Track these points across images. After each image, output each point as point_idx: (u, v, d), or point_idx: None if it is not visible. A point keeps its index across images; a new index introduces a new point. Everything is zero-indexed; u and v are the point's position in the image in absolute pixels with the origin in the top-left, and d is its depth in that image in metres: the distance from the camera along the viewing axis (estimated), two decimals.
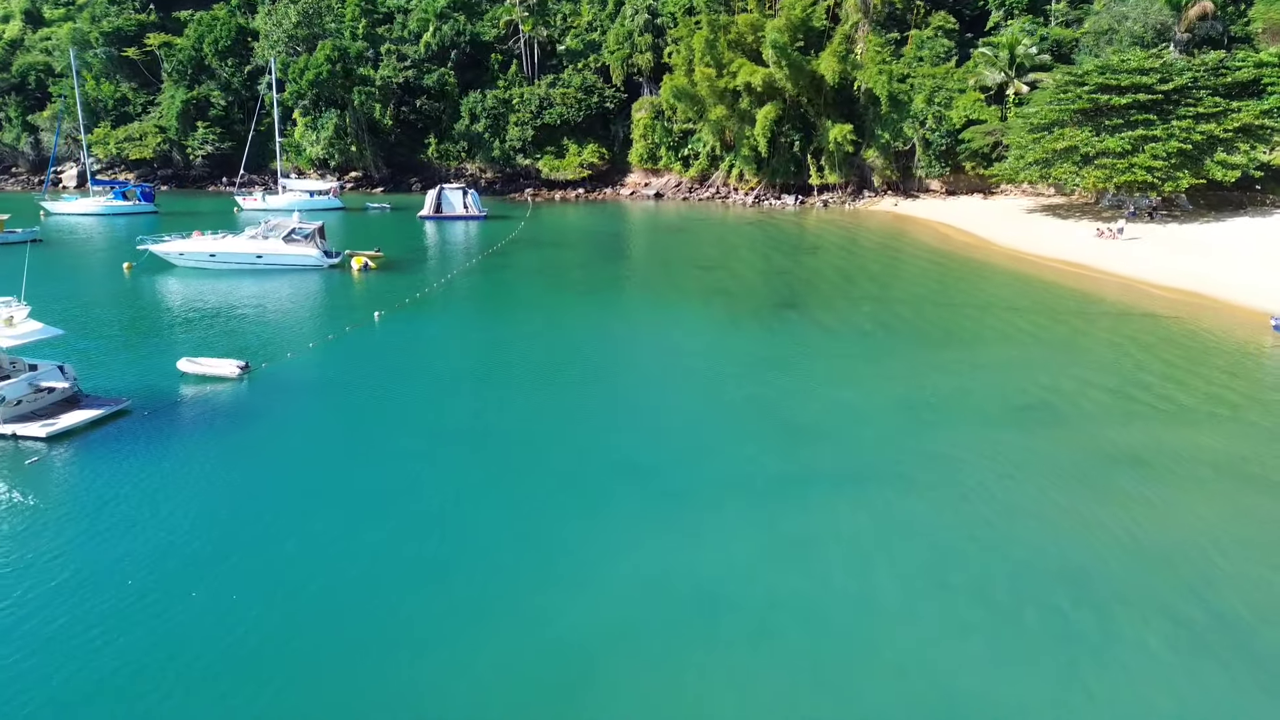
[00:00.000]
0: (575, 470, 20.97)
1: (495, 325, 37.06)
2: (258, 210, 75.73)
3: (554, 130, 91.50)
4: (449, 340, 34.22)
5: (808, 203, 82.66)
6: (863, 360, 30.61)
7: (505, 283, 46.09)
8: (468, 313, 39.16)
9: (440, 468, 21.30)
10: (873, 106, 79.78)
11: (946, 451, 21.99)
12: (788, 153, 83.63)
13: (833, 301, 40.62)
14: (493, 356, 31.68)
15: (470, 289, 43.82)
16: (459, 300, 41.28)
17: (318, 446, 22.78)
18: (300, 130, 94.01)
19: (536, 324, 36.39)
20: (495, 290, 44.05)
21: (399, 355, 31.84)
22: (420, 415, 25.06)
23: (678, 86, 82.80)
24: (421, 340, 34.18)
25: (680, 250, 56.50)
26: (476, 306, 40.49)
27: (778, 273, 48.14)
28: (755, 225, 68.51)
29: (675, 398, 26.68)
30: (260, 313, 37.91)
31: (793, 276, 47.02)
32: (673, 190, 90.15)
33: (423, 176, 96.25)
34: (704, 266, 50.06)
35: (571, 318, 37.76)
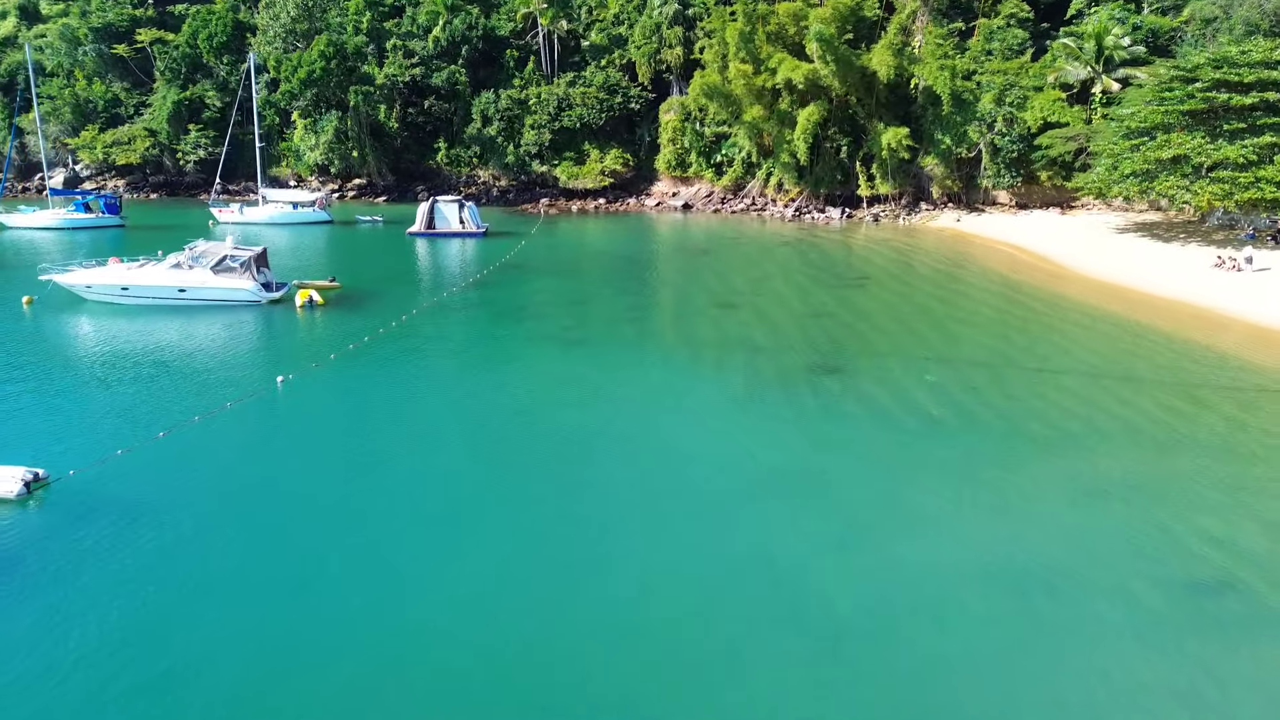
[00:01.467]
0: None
1: (432, 399, 28.11)
2: (235, 224, 68.06)
3: (573, 134, 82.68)
4: (358, 424, 25.31)
5: (856, 216, 72.73)
6: (931, 474, 21.13)
7: (474, 326, 37.22)
8: (403, 377, 30.17)
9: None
10: (932, 107, 69.75)
11: (1090, 696, 12.56)
12: (833, 159, 73.84)
13: (885, 362, 31.08)
14: (398, 467, 22.66)
15: (424, 337, 35.01)
16: (401, 355, 32.44)
17: (83, 649, 14.01)
18: (299, 134, 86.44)
19: (489, 399, 27.44)
20: (456, 338, 35.18)
21: (277, 451, 23.11)
22: (260, 578, 16.23)
23: (709, 84, 73.44)
24: (321, 425, 25.39)
25: (702, 280, 47.19)
26: (419, 366, 31.55)
27: (816, 315, 38.63)
28: (794, 245, 58.92)
29: (642, 554, 17.50)
30: (136, 374, 29.42)
31: (835, 321, 37.48)
32: (703, 201, 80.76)
33: (431, 184, 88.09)
34: (727, 304, 40.71)
35: (539, 386, 28.74)
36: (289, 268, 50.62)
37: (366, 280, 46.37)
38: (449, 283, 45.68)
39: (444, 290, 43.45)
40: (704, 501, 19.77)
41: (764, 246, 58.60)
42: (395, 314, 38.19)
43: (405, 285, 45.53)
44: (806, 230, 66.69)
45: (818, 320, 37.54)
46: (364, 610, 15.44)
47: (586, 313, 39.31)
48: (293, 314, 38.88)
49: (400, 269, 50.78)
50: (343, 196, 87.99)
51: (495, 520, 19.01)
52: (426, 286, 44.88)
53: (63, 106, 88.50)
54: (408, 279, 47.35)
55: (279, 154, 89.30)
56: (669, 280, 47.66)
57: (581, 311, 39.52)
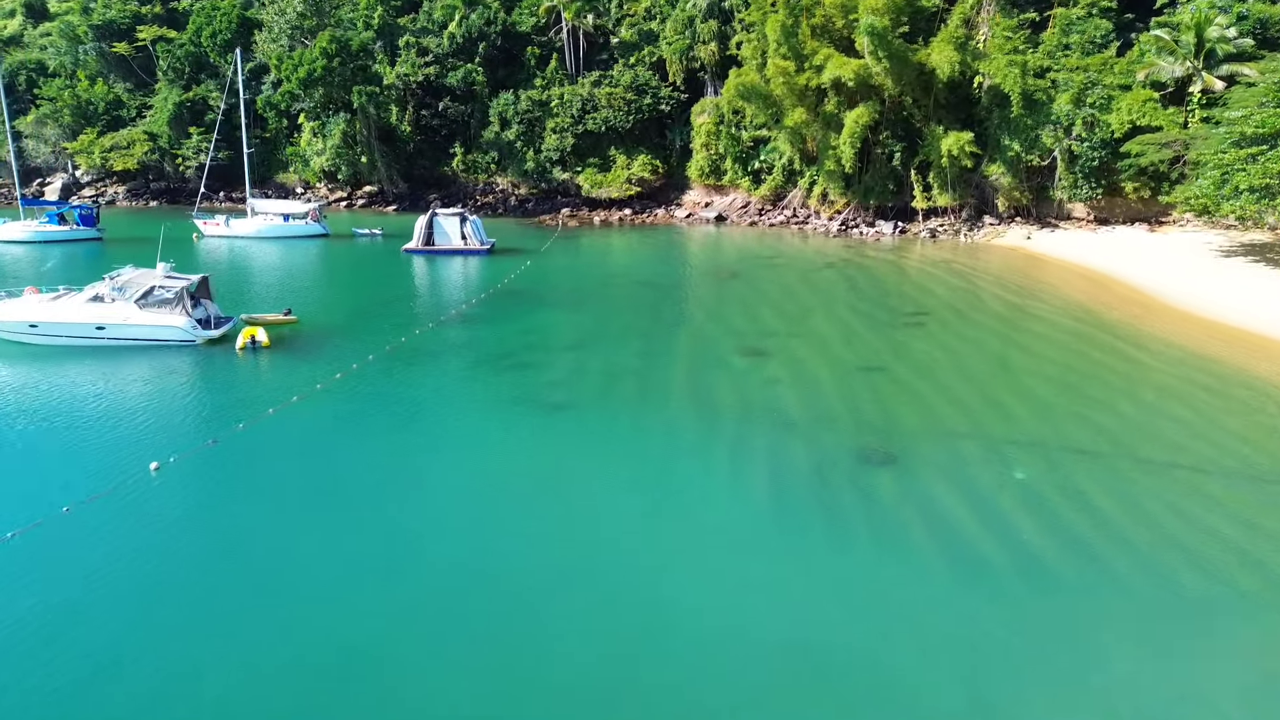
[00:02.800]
0: None
1: (341, 513, 21.13)
2: (221, 237, 62.27)
3: (598, 139, 75.72)
4: (221, 559, 18.41)
5: (910, 231, 64.73)
6: (1040, 672, 13.63)
7: (436, 381, 30.21)
8: (314, 468, 23.09)
9: None
10: (998, 109, 61.54)
11: None
12: (885, 167, 65.88)
13: (956, 445, 23.52)
14: (254, 627, 15.79)
15: (369, 396, 28.18)
16: (327, 429, 25.61)
17: None
18: (306, 138, 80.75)
19: (420, 514, 20.42)
20: (407, 401, 28.19)
21: (99, 588, 16.33)
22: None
23: (745, 85, 65.99)
24: (175, 549, 18.55)
25: (729, 314, 39.82)
26: (344, 448, 24.49)
27: (865, 368, 31.07)
28: (839, 267, 51.21)
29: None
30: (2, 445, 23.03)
31: (889, 377, 29.93)
32: (739, 212, 73.22)
33: (446, 192, 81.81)
34: (755, 350, 33.32)
35: (497, 475, 21.74)
36: (259, 290, 44.30)
37: (335, 310, 39.83)
38: (428, 315, 38.88)
39: (418, 326, 36.60)
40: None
41: (804, 268, 50.97)
42: (349, 360, 31.48)
43: (376, 317, 38.79)
44: (854, 247, 58.89)
45: (867, 376, 29.98)
46: None
47: (581, 362, 32.17)
48: (232, 357, 32.36)
49: (379, 295, 44.09)
50: (351, 205, 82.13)
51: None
52: (401, 320, 38.09)
53: (62, 108, 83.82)
54: (382, 309, 40.60)
55: (286, 159, 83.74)
56: (689, 314, 40.28)
57: (575, 360, 32.39)
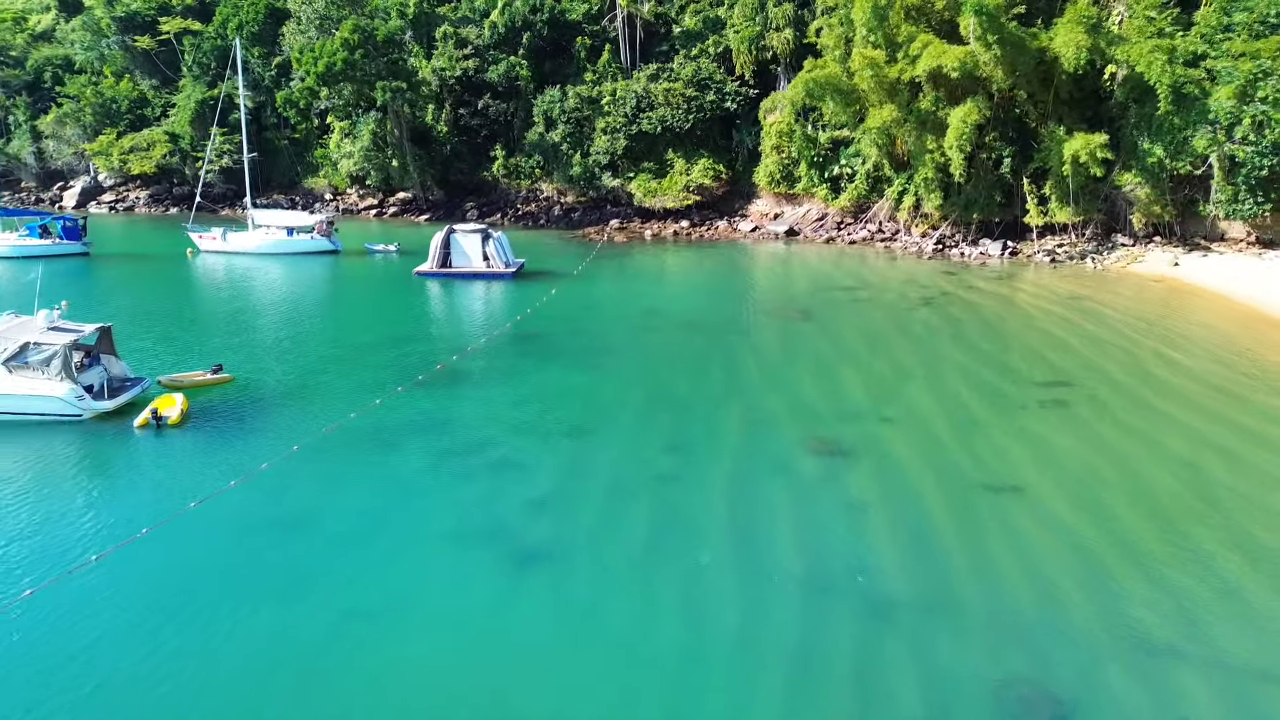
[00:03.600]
0: None
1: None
2: (219, 253, 54.95)
3: (654, 140, 66.45)
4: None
5: (1022, 253, 53.88)
6: None
7: (378, 487, 21.19)
8: (170, 622, 14.84)
9: None
10: (1136, 105, 50.45)
11: None
12: (990, 175, 55.12)
13: (1167, 670, 13.62)
14: None
15: (270, 514, 19.53)
16: (202, 566, 17.12)
17: None
18: (335, 139, 73.47)
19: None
20: (325, 523, 19.35)
21: None
22: None
23: (819, 79, 55.95)
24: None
25: (796, 378, 30.17)
26: (213, 596, 16.05)
27: (994, 488, 21.18)
28: (939, 303, 40.97)
29: None
30: None
31: (1031, 507, 20.06)
32: (813, 226, 63.11)
33: (486, 199, 73.65)
34: (831, 446, 23.65)
35: (414, 700, 12.76)
36: (213, 328, 36.28)
37: (293, 360, 31.42)
38: (406, 369, 30.10)
39: (386, 389, 27.86)
40: None
41: (895, 306, 40.85)
42: (269, 447, 22.96)
43: (339, 373, 30.16)
44: (955, 274, 48.42)
45: (998, 504, 20.10)
46: None
47: (583, 459, 22.96)
48: (125, 440, 24.15)
49: (358, 338, 35.45)
50: (382, 213, 74.52)
51: None
52: (368, 377, 29.42)
53: (84, 106, 78.24)
54: (352, 360, 31.92)
55: (316, 162, 76.66)
56: (744, 376, 30.58)
57: (576, 455, 23.20)
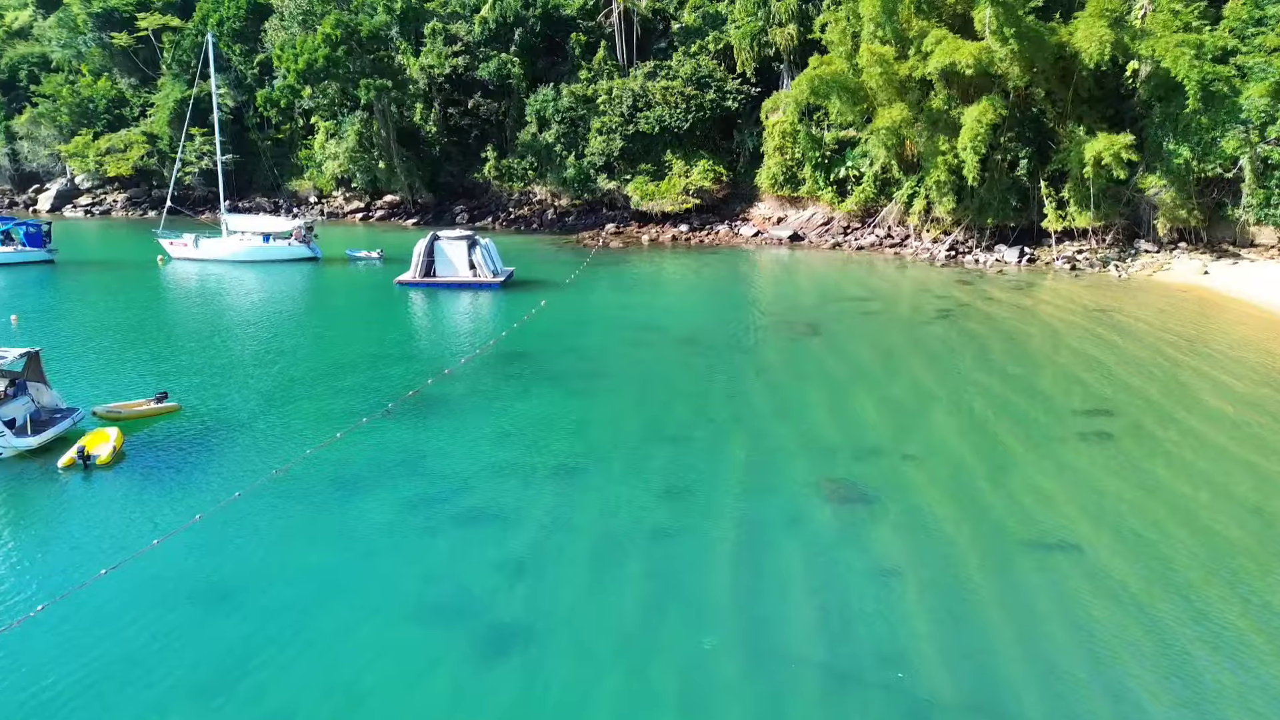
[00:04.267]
0: None
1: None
2: (191, 260, 52.08)
3: (651, 141, 63.60)
4: None
5: (1040, 260, 51.06)
6: None
7: (332, 542, 18.30)
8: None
9: None
10: (1160, 104, 47.73)
11: None
12: (1006, 177, 52.29)
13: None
14: None
15: (198, 582, 16.66)
16: (110, 655, 14.28)
17: None
18: (320, 140, 70.63)
19: None
20: (260, 589, 16.44)
21: None
22: None
23: (824, 76, 53.10)
24: None
25: (807, 404, 27.35)
26: (111, 692, 13.21)
27: (1039, 544, 18.33)
28: (957, 316, 38.11)
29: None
30: None
31: (1087, 569, 17.31)
32: (818, 231, 60.26)
33: (477, 202, 70.83)
34: (849, 490, 20.81)
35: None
36: (169, 344, 33.37)
37: (251, 384, 28.55)
38: (374, 396, 27.16)
39: (348, 420, 24.95)
40: None
41: (910, 319, 38.00)
42: (209, 492, 20.13)
43: (300, 399, 27.21)
44: (971, 284, 45.57)
45: (1046, 566, 17.26)
46: None
47: (567, 508, 20.06)
48: (48, 482, 21.29)
49: (327, 357, 32.41)
50: (368, 217, 71.63)
51: None
52: (330, 405, 26.51)
53: (61, 106, 75.30)
54: (316, 384, 28.90)
55: (301, 164, 73.78)
56: (749, 401, 27.68)
57: (558, 504, 20.31)
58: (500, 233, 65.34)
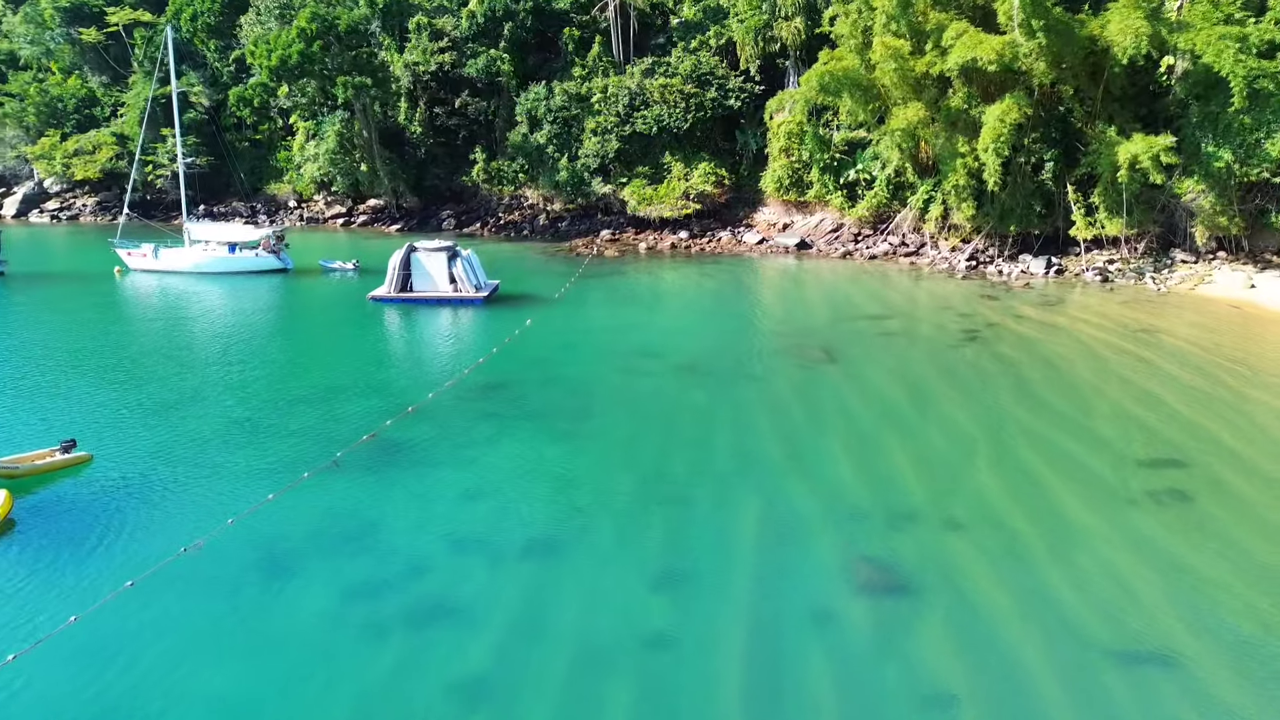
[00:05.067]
0: None
1: None
2: (149, 271, 48.41)
3: (649, 142, 59.93)
4: None
5: (1069, 271, 47.37)
6: None
7: (239, 670, 14.50)
8: None
9: None
10: (1199, 102, 44.07)
11: None
12: (1029, 181, 48.60)
13: None
14: None
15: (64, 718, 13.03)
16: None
17: None
18: (300, 141, 66.95)
19: None
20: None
21: None
22: None
23: (835, 72, 49.38)
24: None
25: (825, 451, 23.68)
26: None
27: (1128, 657, 14.66)
28: (989, 341, 34.40)
29: None
30: None
31: (1189, 677, 13.65)
32: (827, 238, 56.55)
33: (465, 207, 67.19)
34: (884, 575, 17.13)
35: None
36: (108, 378, 29.60)
37: (182, 427, 24.81)
38: (325, 441, 23.47)
39: (291, 476, 21.27)
40: None
41: (935, 341, 34.28)
42: (108, 574, 16.47)
43: (237, 446, 23.50)
44: (996, 298, 41.88)
45: (1141, 687, 13.59)
46: None
47: (543, 610, 16.32)
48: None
49: (275, 392, 28.50)
50: (349, 223, 67.92)
51: None
52: (274, 454, 22.86)
53: (28, 106, 71.57)
54: (260, 425, 25.20)
55: (280, 166, 70.07)
56: (758, 450, 23.84)
57: (533, 602, 16.56)
58: (489, 239, 61.70)
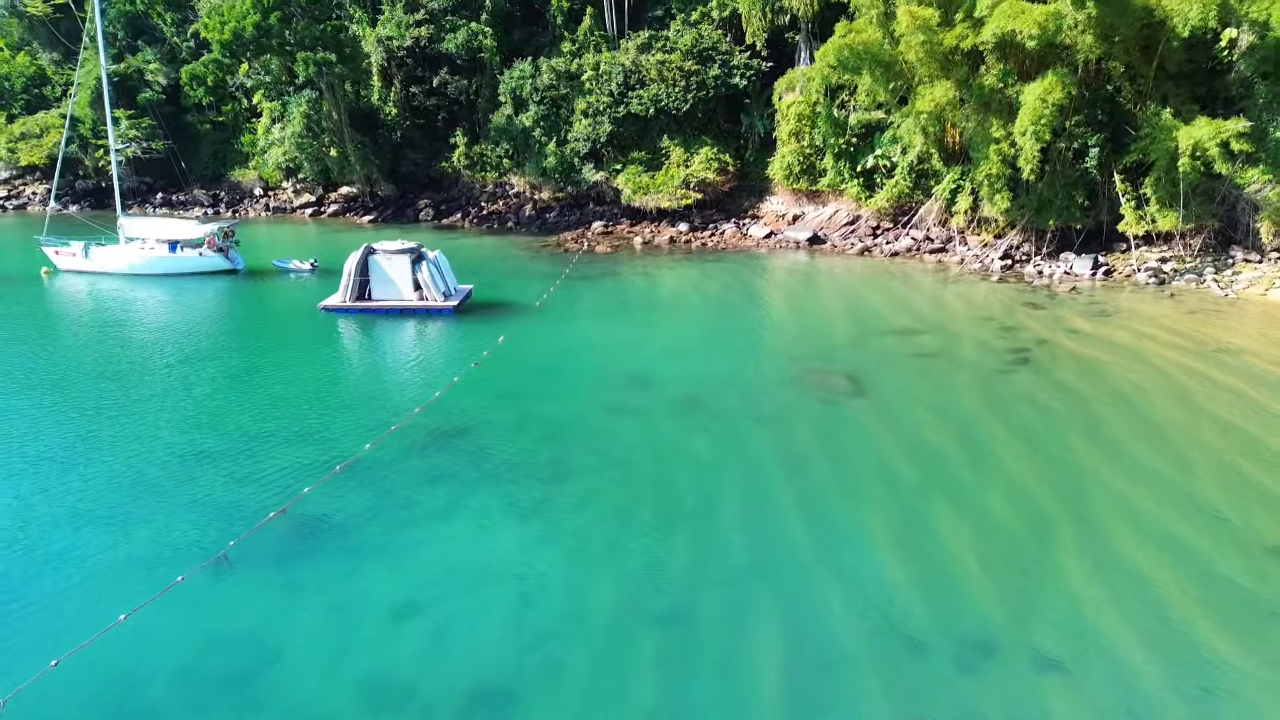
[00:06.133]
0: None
1: None
2: (80, 272, 43.16)
3: (645, 125, 54.50)
4: None
5: (1117, 271, 42.11)
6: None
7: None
8: None
9: None
10: (1266, 81, 38.87)
11: None
12: (1071, 170, 43.28)
13: None
14: None
15: None
16: None
17: None
18: (264, 123, 61.49)
19: None
20: None
21: None
22: None
23: (854, 46, 43.88)
24: None
25: (856, 529, 18.65)
26: None
27: None
28: (1039, 364, 29.19)
29: None
30: None
31: None
32: (842, 231, 51.19)
33: (444, 196, 61.84)
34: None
35: None
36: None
37: (21, 506, 19.67)
38: (222, 519, 18.41)
39: (159, 581, 16.21)
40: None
41: (979, 365, 29.08)
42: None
43: (96, 532, 18.40)
44: (1040, 305, 36.64)
45: None
46: None
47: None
48: None
49: (176, 443, 23.07)
50: (320, 212, 62.55)
51: None
52: (149, 541, 17.78)
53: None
54: (143, 492, 20.12)
55: (246, 151, 64.59)
56: (776, 532, 18.72)
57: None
58: (470, 231, 56.39)
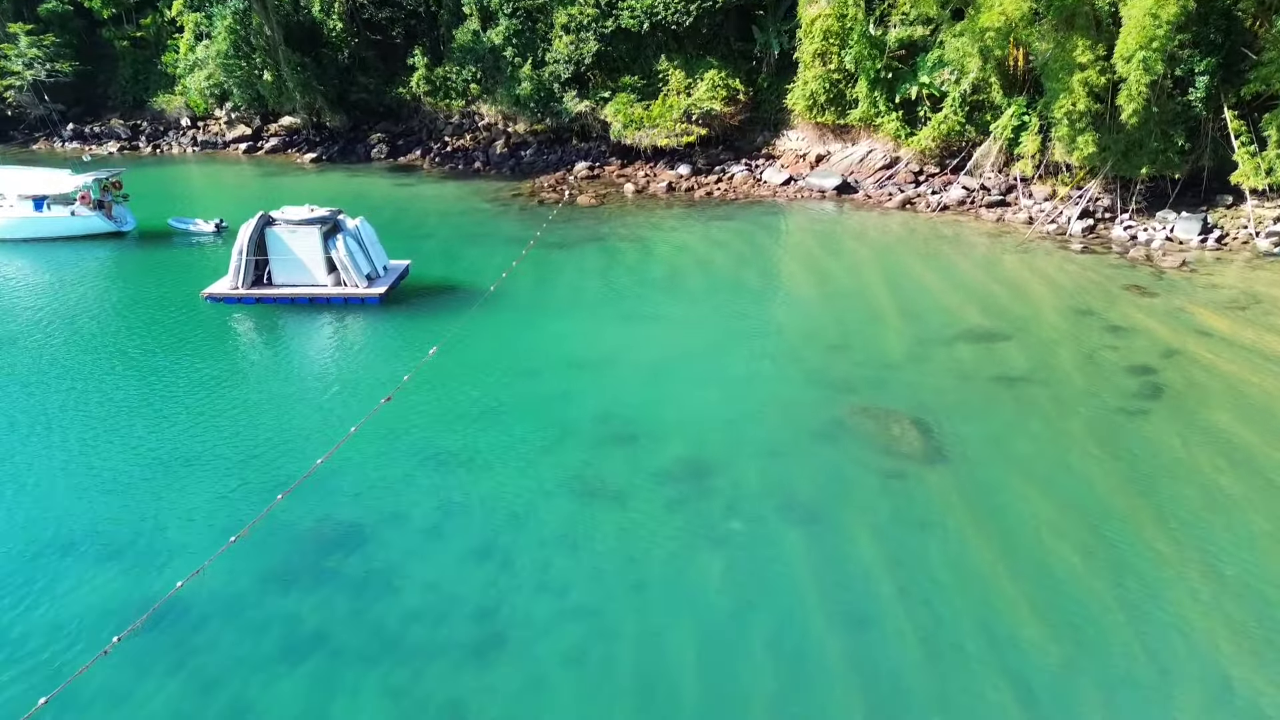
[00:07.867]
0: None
1: None
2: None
3: (639, 43, 45.05)
4: None
5: (1230, 236, 33.50)
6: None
7: None
8: None
9: None
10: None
11: None
12: (1171, 104, 34.25)
13: None
14: None
15: None
16: None
17: None
18: (186, 41, 51.93)
19: None
20: None
21: None
22: None
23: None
24: None
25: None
26: None
27: None
28: (1175, 392, 21.01)
29: None
30: None
31: None
32: (877, 177, 42.23)
33: (403, 127, 52.63)
34: None
35: None
36: None
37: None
38: None
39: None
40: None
41: (1092, 397, 20.86)
42: None
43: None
44: (1144, 286, 28.26)
45: None
46: None
47: None
48: None
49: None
50: (256, 148, 53.26)
51: None
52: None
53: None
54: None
55: (170, 73, 54.98)
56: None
57: None
58: (431, 174, 47.49)
